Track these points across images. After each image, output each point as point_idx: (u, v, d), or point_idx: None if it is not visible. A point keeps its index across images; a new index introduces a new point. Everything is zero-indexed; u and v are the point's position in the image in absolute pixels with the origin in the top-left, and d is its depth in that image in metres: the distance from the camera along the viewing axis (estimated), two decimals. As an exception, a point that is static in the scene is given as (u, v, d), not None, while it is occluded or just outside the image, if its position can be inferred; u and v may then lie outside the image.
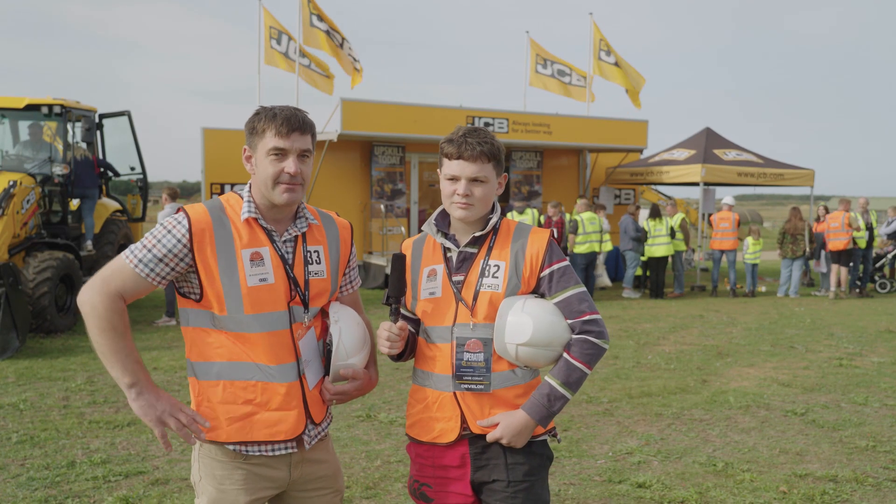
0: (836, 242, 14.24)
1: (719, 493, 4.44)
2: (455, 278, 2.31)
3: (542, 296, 2.30)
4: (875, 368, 7.89)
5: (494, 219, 2.33)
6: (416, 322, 2.41)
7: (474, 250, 2.32)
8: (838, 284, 14.30)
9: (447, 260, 2.34)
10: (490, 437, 2.25)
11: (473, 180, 2.25)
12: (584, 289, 2.31)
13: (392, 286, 2.26)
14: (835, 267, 14.34)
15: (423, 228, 2.42)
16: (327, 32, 14.57)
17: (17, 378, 7.02)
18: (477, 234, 2.31)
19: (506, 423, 2.23)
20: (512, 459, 2.27)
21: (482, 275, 2.28)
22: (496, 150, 2.28)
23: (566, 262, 2.32)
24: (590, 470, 4.83)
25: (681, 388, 6.93)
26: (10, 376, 7.07)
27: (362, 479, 4.58)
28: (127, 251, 2.12)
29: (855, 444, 5.36)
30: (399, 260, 2.28)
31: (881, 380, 7.34)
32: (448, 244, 2.34)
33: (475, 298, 2.27)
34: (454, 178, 2.27)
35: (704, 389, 6.92)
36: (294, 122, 2.13)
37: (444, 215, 2.39)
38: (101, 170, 10.97)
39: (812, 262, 15.08)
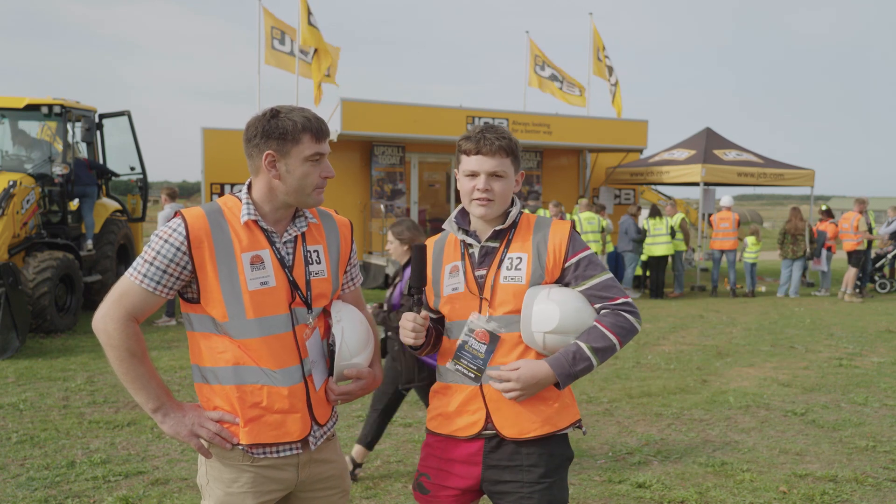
0: (847, 244, 14.26)
1: (719, 493, 4.44)
2: (478, 273, 2.31)
3: (568, 285, 2.29)
4: (875, 368, 7.89)
5: (514, 211, 2.33)
6: (437, 320, 2.41)
7: (496, 244, 2.33)
8: (851, 284, 14.14)
9: (469, 256, 2.35)
10: (501, 385, 2.21)
11: (492, 175, 2.26)
12: (611, 275, 2.31)
13: (413, 277, 2.27)
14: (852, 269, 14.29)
15: (443, 227, 2.42)
16: (308, 20, 14.43)
17: (17, 378, 7.02)
18: (498, 228, 2.32)
19: (527, 367, 2.20)
20: (528, 461, 2.25)
21: (505, 268, 2.28)
22: (514, 146, 2.30)
23: (590, 251, 2.32)
24: (590, 470, 4.83)
25: (681, 388, 6.92)
26: (10, 376, 7.07)
27: (362, 479, 4.57)
28: (130, 269, 2.12)
29: (855, 444, 5.36)
30: (420, 251, 2.28)
31: (881, 380, 7.34)
32: (470, 240, 2.34)
33: (498, 291, 2.27)
34: (473, 174, 2.28)
35: (704, 389, 6.92)
36: (325, 126, 2.19)
37: (465, 213, 2.39)
38: (93, 171, 10.96)
39: (811, 262, 15.08)
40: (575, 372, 2.20)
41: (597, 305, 2.27)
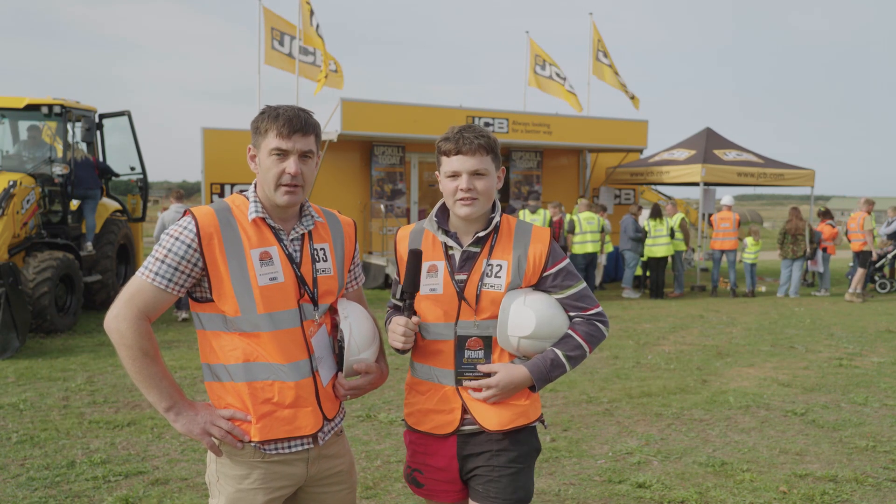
0: (854, 244, 14.19)
1: (719, 493, 4.44)
2: (458, 277, 2.33)
3: (546, 293, 2.35)
4: (875, 368, 7.89)
5: (496, 217, 2.35)
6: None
7: (477, 249, 2.34)
8: (860, 284, 14.08)
9: (449, 257, 2.35)
10: (482, 383, 2.29)
11: (475, 174, 2.27)
12: (585, 285, 2.40)
13: (407, 281, 2.26)
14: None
15: (424, 225, 2.42)
16: (316, 28, 14.50)
17: (17, 378, 7.02)
18: (480, 233, 2.33)
19: (505, 373, 2.28)
20: (497, 447, 2.32)
21: (485, 274, 2.31)
22: (493, 143, 2.31)
23: (567, 261, 2.38)
24: (590, 470, 4.83)
25: (681, 388, 6.92)
26: (10, 376, 7.07)
27: (362, 479, 4.57)
28: (142, 268, 2.14)
29: (855, 444, 5.36)
30: (415, 255, 2.28)
31: (881, 380, 7.34)
32: (451, 243, 2.35)
33: (478, 298, 2.30)
34: (455, 175, 2.28)
35: (704, 389, 6.92)
36: (296, 122, 2.14)
37: (444, 211, 2.40)
38: (99, 171, 10.96)
39: (808, 262, 15.07)
40: (551, 377, 2.31)
41: (571, 313, 2.36)
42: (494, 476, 2.31)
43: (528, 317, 2.25)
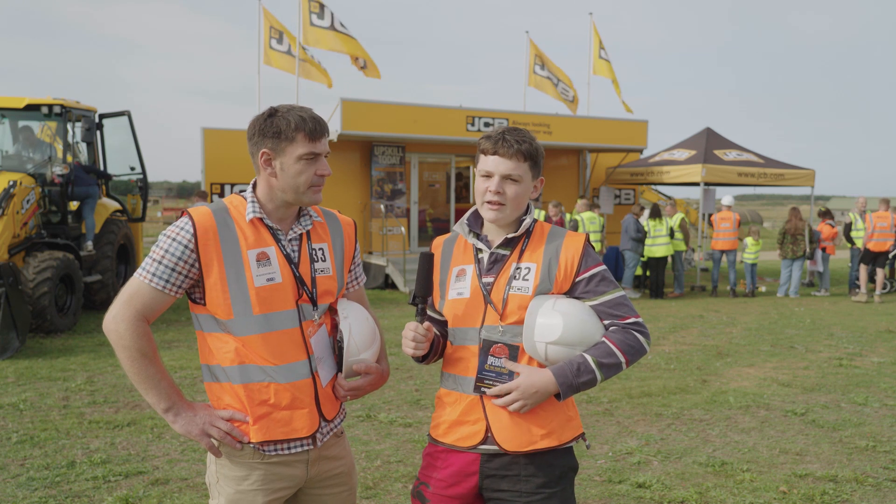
0: (882, 243, 14.00)
1: (719, 493, 4.44)
2: (485, 279, 2.25)
3: (579, 299, 2.23)
4: (875, 368, 7.89)
5: (528, 220, 2.27)
6: (442, 324, 2.36)
7: (506, 252, 2.26)
8: (881, 285, 14.08)
9: (478, 261, 2.29)
10: (503, 388, 2.16)
11: (507, 178, 2.20)
12: (623, 293, 2.25)
13: (418, 286, 2.21)
14: (864, 268, 14.13)
15: (454, 228, 2.37)
16: (331, 27, 14.50)
17: (17, 378, 7.02)
18: (510, 235, 2.26)
19: (527, 375, 2.15)
20: (526, 472, 2.19)
21: (513, 277, 2.22)
22: (534, 151, 2.24)
23: (603, 267, 2.25)
24: (590, 470, 4.83)
25: (681, 388, 6.92)
26: (10, 376, 7.07)
27: (362, 479, 4.57)
28: (140, 269, 2.14)
29: (855, 444, 5.36)
30: (426, 259, 2.22)
31: (881, 380, 7.34)
32: (480, 245, 2.29)
33: (505, 301, 2.20)
34: (488, 175, 2.22)
35: (704, 389, 6.92)
36: (322, 125, 2.18)
37: (477, 215, 2.34)
38: (92, 174, 10.94)
39: (808, 262, 15.06)
40: (577, 384, 2.14)
41: (606, 322, 2.21)
42: (523, 502, 2.18)
43: (555, 321, 2.12)
